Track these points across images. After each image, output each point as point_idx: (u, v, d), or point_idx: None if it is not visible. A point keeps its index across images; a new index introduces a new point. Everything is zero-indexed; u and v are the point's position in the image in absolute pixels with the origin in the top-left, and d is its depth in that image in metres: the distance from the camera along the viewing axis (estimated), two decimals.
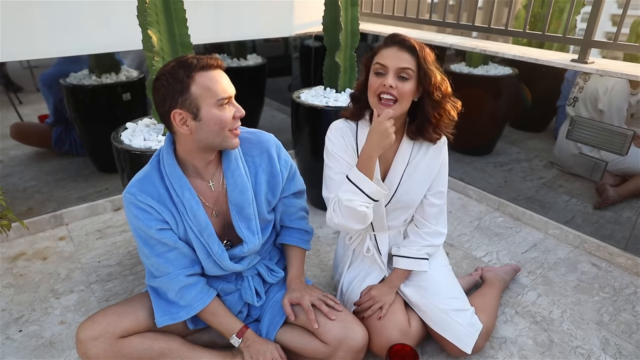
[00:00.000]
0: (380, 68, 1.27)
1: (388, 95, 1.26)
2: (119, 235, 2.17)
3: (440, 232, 1.48)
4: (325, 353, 1.28)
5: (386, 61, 1.26)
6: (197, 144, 1.17)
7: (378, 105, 1.28)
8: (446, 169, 1.45)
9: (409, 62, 1.26)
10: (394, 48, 1.27)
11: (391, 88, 1.24)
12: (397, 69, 1.25)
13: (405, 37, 1.28)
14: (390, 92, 1.25)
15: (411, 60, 1.26)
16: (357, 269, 1.56)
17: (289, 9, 2.81)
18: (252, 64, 2.75)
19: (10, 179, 2.12)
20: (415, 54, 1.26)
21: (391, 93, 1.25)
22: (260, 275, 1.40)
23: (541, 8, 3.16)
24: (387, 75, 1.26)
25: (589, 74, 1.95)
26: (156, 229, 1.19)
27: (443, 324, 1.40)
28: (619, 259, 2.00)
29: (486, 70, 2.45)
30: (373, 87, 1.28)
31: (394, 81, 1.25)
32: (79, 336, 1.19)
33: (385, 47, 1.29)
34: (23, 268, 1.93)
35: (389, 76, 1.25)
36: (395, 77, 1.25)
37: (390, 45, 1.29)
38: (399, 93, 1.25)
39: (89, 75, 2.19)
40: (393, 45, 1.28)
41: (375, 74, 1.28)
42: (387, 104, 1.27)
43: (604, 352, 1.53)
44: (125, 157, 1.75)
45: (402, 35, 1.30)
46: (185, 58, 1.11)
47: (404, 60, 1.26)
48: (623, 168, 1.92)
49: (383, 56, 1.28)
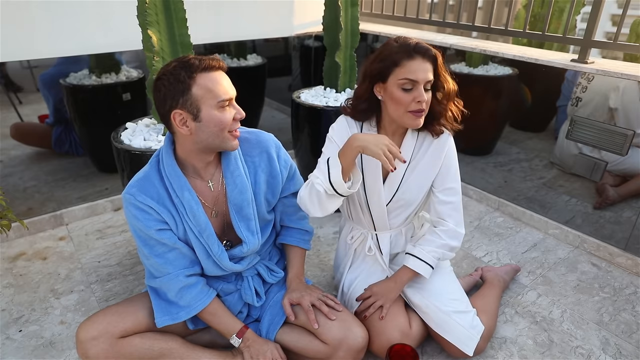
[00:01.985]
0: (409, 83, 1.24)
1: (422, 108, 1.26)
2: (119, 235, 2.17)
3: (457, 232, 1.42)
4: (325, 353, 1.28)
5: (417, 75, 1.23)
6: (197, 145, 1.17)
7: (410, 117, 1.27)
8: (454, 165, 1.42)
9: (431, 72, 1.26)
10: (418, 60, 1.24)
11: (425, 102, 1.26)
12: (426, 82, 1.25)
13: (427, 46, 1.25)
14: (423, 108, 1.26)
15: (431, 69, 1.26)
16: (359, 269, 1.56)
17: (289, 9, 2.81)
18: (252, 64, 2.75)
19: (10, 179, 2.12)
20: (435, 63, 1.26)
21: (423, 108, 1.26)
22: (260, 276, 1.40)
23: (541, 8, 3.16)
24: (417, 90, 1.24)
25: (592, 73, 1.95)
26: (155, 230, 1.18)
27: (444, 326, 1.40)
28: (619, 259, 2.00)
29: (486, 70, 2.45)
30: (404, 104, 1.26)
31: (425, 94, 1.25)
32: (79, 336, 1.19)
33: (408, 58, 1.24)
34: (23, 268, 1.93)
35: (421, 90, 1.24)
36: (424, 89, 1.25)
37: (414, 56, 1.24)
38: (427, 104, 1.27)
39: (89, 75, 2.19)
40: (417, 55, 1.24)
41: (402, 89, 1.25)
42: (419, 115, 1.27)
43: (604, 352, 1.53)
44: (125, 157, 1.75)
45: (423, 43, 1.26)
46: (187, 59, 1.11)
47: (429, 71, 1.25)
48: (623, 168, 1.92)
49: (411, 70, 1.23)
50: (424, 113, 1.28)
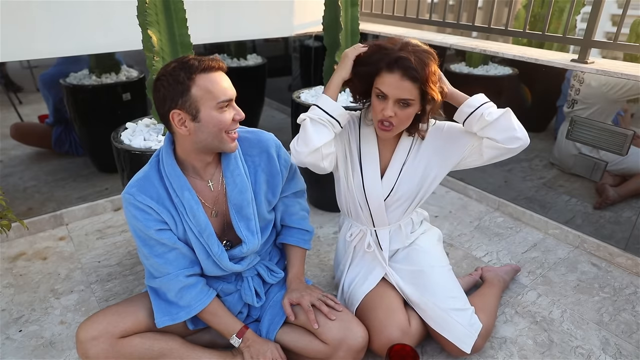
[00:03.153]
0: (381, 94, 1.24)
1: (386, 122, 1.26)
2: (119, 235, 2.17)
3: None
4: (325, 353, 1.28)
5: (387, 89, 1.21)
6: (196, 145, 1.17)
7: (378, 127, 1.30)
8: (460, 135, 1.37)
9: (409, 91, 1.20)
10: (397, 75, 1.19)
11: (391, 117, 1.24)
12: (397, 99, 1.22)
13: (410, 64, 1.16)
14: (388, 120, 1.25)
15: (412, 88, 1.19)
16: (358, 268, 1.56)
17: (289, 9, 2.80)
18: (252, 64, 2.75)
19: (10, 179, 2.13)
20: (418, 82, 1.19)
21: (389, 121, 1.25)
22: (260, 276, 1.40)
23: (541, 8, 3.16)
24: (386, 103, 1.23)
25: (583, 75, 1.95)
26: (155, 230, 1.18)
27: (443, 323, 1.40)
28: (619, 259, 2.00)
29: (486, 70, 2.45)
30: (375, 111, 1.28)
31: (393, 109, 1.23)
32: (79, 336, 1.19)
33: (387, 70, 1.20)
34: (23, 268, 1.93)
35: (389, 105, 1.22)
36: (395, 104, 1.23)
37: (393, 70, 1.19)
38: (398, 120, 1.26)
39: (89, 75, 2.19)
40: (397, 70, 1.18)
41: (376, 96, 1.26)
42: (384, 128, 1.27)
43: (604, 352, 1.53)
44: (125, 157, 1.75)
45: (409, 60, 1.17)
46: (187, 59, 1.11)
47: (404, 90, 1.19)
48: (623, 168, 1.92)
49: (383, 82, 1.21)
50: (391, 128, 1.27)
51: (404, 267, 1.52)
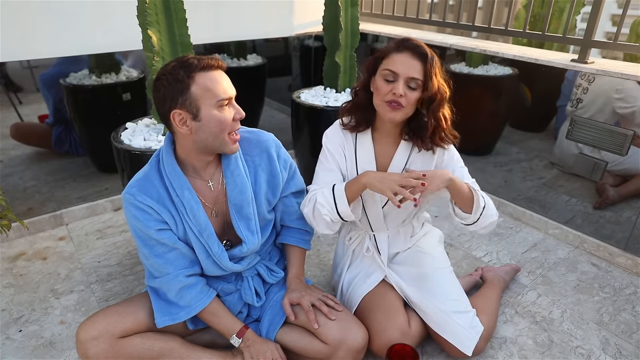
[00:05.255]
0: (390, 75, 1.24)
1: (395, 102, 1.24)
2: (119, 235, 2.17)
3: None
4: (325, 353, 1.28)
5: (397, 68, 1.23)
6: (196, 145, 1.17)
7: (385, 108, 1.27)
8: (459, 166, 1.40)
9: (418, 71, 1.23)
10: (406, 54, 1.24)
11: (401, 97, 1.23)
12: (407, 77, 1.23)
13: (418, 43, 1.24)
14: (398, 100, 1.24)
15: (421, 69, 1.23)
16: (357, 269, 1.56)
17: (289, 9, 2.81)
18: (252, 64, 2.75)
19: (10, 179, 2.12)
20: (426, 62, 1.23)
21: (399, 102, 1.24)
22: (260, 276, 1.40)
23: (541, 8, 3.16)
24: (397, 83, 1.23)
25: (592, 74, 1.94)
26: (155, 230, 1.18)
27: (444, 325, 1.40)
28: (619, 259, 2.00)
29: (486, 70, 2.45)
30: (382, 93, 1.26)
31: (404, 89, 1.23)
32: (79, 336, 1.19)
33: (396, 51, 1.25)
34: (23, 268, 1.93)
35: (399, 84, 1.23)
36: (405, 85, 1.23)
37: (402, 50, 1.24)
38: (407, 101, 1.25)
39: (89, 75, 2.19)
40: (405, 50, 1.24)
41: (384, 80, 1.25)
42: (394, 107, 1.25)
43: (604, 352, 1.53)
44: (125, 157, 1.75)
45: (416, 40, 1.24)
46: (186, 58, 1.11)
47: (414, 68, 1.23)
48: (623, 168, 1.92)
49: (394, 62, 1.24)
50: (401, 108, 1.25)
51: (405, 269, 1.52)
